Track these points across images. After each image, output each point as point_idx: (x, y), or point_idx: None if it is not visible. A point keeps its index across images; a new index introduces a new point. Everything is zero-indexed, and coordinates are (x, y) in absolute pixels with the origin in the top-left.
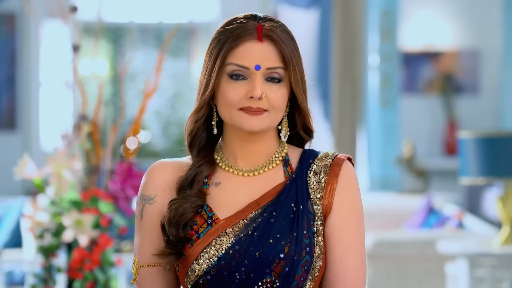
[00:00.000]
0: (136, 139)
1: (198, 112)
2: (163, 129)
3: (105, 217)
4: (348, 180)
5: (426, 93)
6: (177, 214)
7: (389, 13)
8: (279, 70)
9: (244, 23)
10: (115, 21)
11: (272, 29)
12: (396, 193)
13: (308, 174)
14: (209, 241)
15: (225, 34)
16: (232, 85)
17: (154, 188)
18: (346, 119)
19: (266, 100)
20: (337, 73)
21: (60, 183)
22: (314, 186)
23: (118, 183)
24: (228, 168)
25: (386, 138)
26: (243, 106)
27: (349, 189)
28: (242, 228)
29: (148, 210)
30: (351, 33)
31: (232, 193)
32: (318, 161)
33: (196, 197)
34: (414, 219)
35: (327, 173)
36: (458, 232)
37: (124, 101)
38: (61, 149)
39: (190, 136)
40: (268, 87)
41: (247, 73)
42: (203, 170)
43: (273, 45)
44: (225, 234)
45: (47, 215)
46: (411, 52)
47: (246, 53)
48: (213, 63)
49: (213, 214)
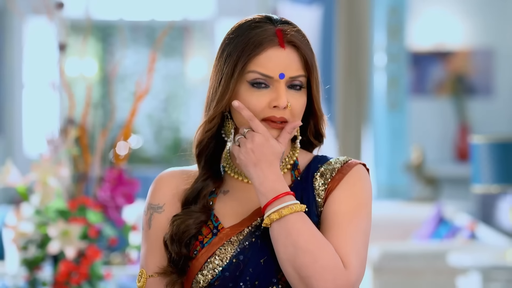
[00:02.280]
0: (127, 144)
1: (211, 122)
2: (155, 134)
3: (94, 228)
4: (355, 177)
5: (436, 95)
6: (179, 231)
7: (397, 9)
8: (301, 78)
9: (262, 27)
10: (104, 18)
11: (294, 34)
12: (404, 202)
13: (315, 176)
14: (213, 251)
15: (242, 39)
16: (255, 94)
17: (162, 196)
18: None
19: (289, 109)
20: (341, 74)
21: (46, 191)
22: (319, 188)
23: (108, 191)
24: (237, 176)
25: (394, 143)
26: (266, 116)
27: (352, 182)
28: (246, 236)
29: (157, 219)
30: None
31: (239, 202)
32: (326, 165)
33: (200, 212)
34: (423, 229)
35: (333, 175)
36: (471, 243)
37: (114, 103)
38: (46, 154)
39: (199, 146)
40: (290, 95)
41: (270, 82)
42: (209, 184)
43: (295, 52)
44: (229, 243)
45: (32, 225)
46: (420, 51)
47: (269, 61)
48: (231, 70)
49: (219, 223)
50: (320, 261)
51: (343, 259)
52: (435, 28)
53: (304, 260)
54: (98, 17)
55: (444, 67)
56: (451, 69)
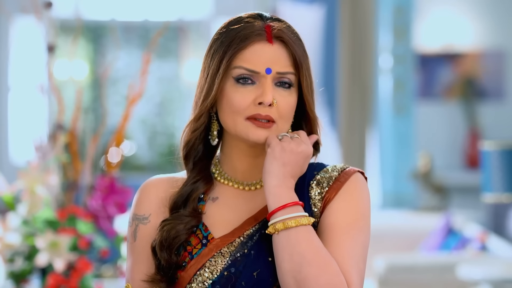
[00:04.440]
0: (119, 150)
1: (198, 120)
2: (149, 140)
3: (84, 239)
4: (353, 187)
5: (444, 99)
6: (170, 237)
7: (403, 9)
8: (290, 75)
9: (250, 22)
10: (95, 18)
11: (283, 29)
12: (410, 211)
13: (311, 184)
14: (202, 263)
15: (229, 34)
16: (239, 90)
17: (148, 206)
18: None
19: (276, 108)
20: (345, 77)
21: (33, 200)
22: (315, 197)
23: (99, 200)
24: (227, 182)
25: (400, 149)
26: (251, 114)
27: (351, 193)
28: (238, 247)
29: (142, 231)
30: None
31: (230, 209)
32: (323, 173)
33: (191, 217)
34: (431, 240)
35: (330, 184)
36: (481, 255)
37: (105, 108)
38: (34, 162)
39: (186, 147)
40: (277, 93)
41: (256, 77)
42: (199, 187)
43: (283, 48)
44: (220, 254)
45: (19, 236)
46: (427, 53)
47: (255, 55)
48: (216, 66)
49: (209, 233)
50: (324, 276)
51: (345, 276)
52: (443, 29)
53: (309, 273)
54: (89, 17)
55: (453, 69)
56: (460, 72)
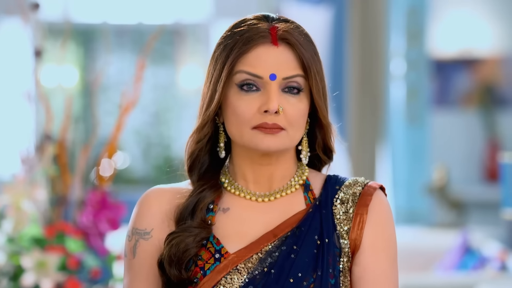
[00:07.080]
0: (112, 163)
1: (201, 131)
2: (143, 151)
3: (74, 258)
4: (380, 212)
5: (461, 108)
6: (179, 251)
7: (417, 10)
8: (298, 79)
9: (255, 24)
10: (85, 21)
11: (289, 30)
12: (425, 228)
13: (334, 202)
14: (217, 280)
15: (232, 38)
16: (243, 98)
17: (150, 220)
18: (364, 139)
19: (283, 116)
20: (354, 84)
21: (19, 216)
22: (340, 217)
23: (90, 216)
24: (238, 192)
25: (414, 162)
26: (257, 124)
27: (382, 223)
28: (257, 264)
29: (143, 247)
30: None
31: (243, 221)
32: (345, 188)
33: (200, 228)
34: (447, 260)
35: (355, 202)
36: (501, 275)
37: (96, 117)
38: (20, 175)
39: (190, 159)
40: (285, 100)
41: (261, 83)
42: (206, 196)
43: (290, 50)
44: (236, 271)
45: (3, 255)
46: (443, 58)
47: (259, 59)
48: (219, 72)
49: (221, 247)
50: None
51: None
52: (460, 32)
53: None
54: (79, 19)
55: (471, 76)
56: (478, 78)
